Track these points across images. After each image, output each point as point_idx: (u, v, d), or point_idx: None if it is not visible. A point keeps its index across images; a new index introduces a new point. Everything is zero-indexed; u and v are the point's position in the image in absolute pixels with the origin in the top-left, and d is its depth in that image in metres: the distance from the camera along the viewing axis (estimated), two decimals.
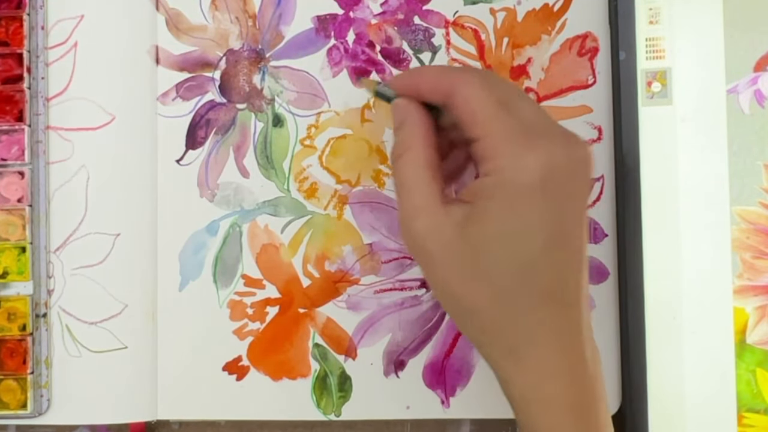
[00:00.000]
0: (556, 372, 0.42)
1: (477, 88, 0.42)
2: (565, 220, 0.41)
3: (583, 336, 0.43)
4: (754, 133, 0.51)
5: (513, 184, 0.41)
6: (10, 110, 0.54)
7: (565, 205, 0.41)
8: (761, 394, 0.51)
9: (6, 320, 0.53)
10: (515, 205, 0.41)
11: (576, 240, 0.42)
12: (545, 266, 0.41)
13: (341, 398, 0.54)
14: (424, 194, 0.43)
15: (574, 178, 0.42)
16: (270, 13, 0.56)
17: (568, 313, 0.42)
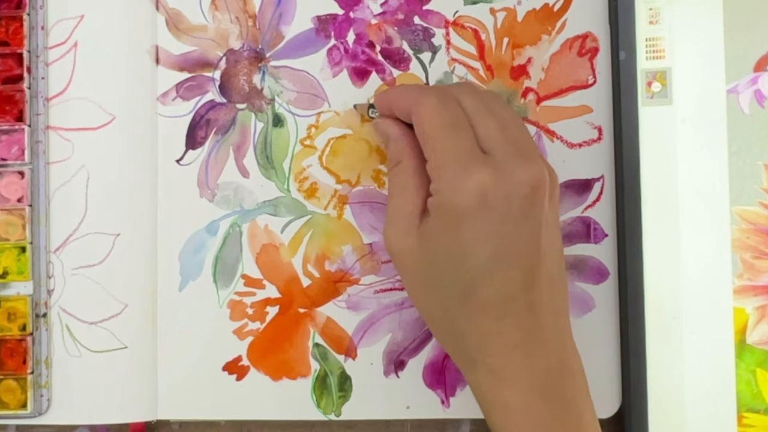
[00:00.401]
0: (510, 378, 0.44)
1: (429, 110, 0.46)
2: (507, 240, 0.43)
3: (542, 342, 0.45)
4: (754, 133, 0.51)
5: (450, 206, 0.44)
6: (10, 110, 0.54)
7: (505, 227, 0.43)
8: (761, 394, 0.51)
9: (6, 320, 0.53)
10: (452, 226, 0.44)
11: (525, 258, 0.44)
12: (487, 283, 0.44)
13: (341, 398, 0.54)
14: (405, 203, 0.47)
15: (513, 200, 0.43)
16: (270, 13, 0.56)
17: (519, 324, 0.44)
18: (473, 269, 0.44)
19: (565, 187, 0.54)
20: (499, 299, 0.44)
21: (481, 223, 0.43)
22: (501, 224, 0.43)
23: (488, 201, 0.43)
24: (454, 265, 0.44)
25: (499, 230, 0.43)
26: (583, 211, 0.54)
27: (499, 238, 0.43)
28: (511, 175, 0.43)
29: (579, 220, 0.54)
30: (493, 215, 0.43)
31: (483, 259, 0.43)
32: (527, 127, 0.50)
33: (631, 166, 0.52)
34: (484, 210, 0.43)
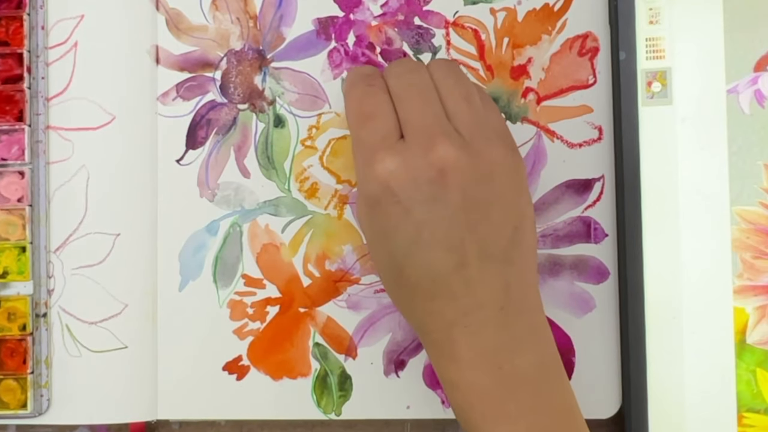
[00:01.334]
0: (452, 356, 0.44)
1: (351, 102, 0.47)
2: (422, 224, 0.43)
3: (484, 319, 0.44)
4: (754, 133, 0.51)
5: (362, 195, 0.45)
6: (10, 110, 0.54)
7: (416, 212, 0.43)
8: (761, 394, 0.51)
9: (6, 320, 0.53)
10: (371, 214, 0.45)
11: (446, 239, 0.44)
12: (411, 265, 0.44)
13: (341, 398, 0.54)
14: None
15: (420, 184, 0.43)
16: (271, 15, 0.56)
17: (454, 303, 0.44)
18: (396, 253, 0.44)
19: (566, 187, 0.54)
20: (427, 280, 0.44)
21: (392, 209, 0.43)
22: (411, 209, 0.43)
23: (393, 188, 0.43)
24: (381, 250, 0.45)
25: (411, 215, 0.43)
26: (584, 211, 0.54)
27: (414, 223, 0.43)
28: (416, 160, 0.43)
29: (579, 220, 0.54)
30: (402, 201, 0.43)
31: (402, 243, 0.44)
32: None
33: (631, 166, 0.52)
34: (391, 197, 0.43)
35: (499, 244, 0.44)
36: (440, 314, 0.44)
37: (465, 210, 0.43)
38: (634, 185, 0.52)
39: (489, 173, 0.44)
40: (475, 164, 0.44)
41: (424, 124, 0.44)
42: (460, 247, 0.43)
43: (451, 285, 0.44)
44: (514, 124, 0.54)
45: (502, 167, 0.45)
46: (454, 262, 0.44)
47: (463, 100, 0.46)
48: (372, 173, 0.44)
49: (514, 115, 0.54)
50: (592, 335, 0.53)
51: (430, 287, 0.44)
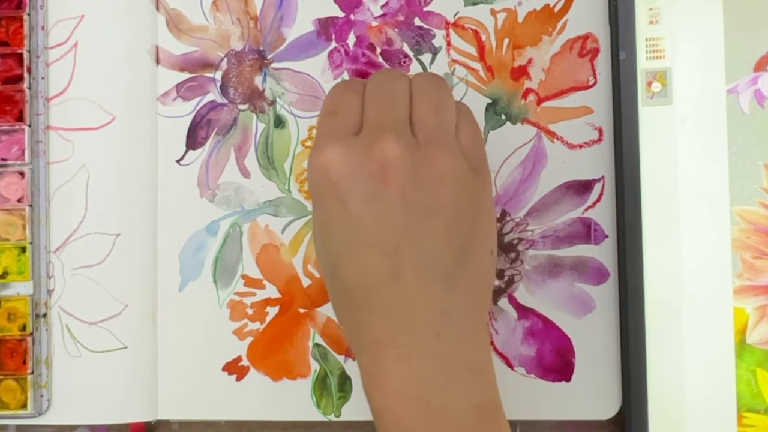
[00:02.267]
0: (380, 382, 0.41)
1: (327, 97, 0.45)
2: (359, 222, 0.41)
3: (419, 346, 0.41)
4: (754, 133, 0.51)
5: (309, 184, 0.43)
6: (10, 110, 0.54)
7: (354, 207, 0.41)
8: (761, 394, 0.51)
9: (6, 320, 0.53)
10: (315, 204, 0.43)
11: (382, 244, 0.41)
12: (346, 266, 0.42)
13: (341, 398, 0.54)
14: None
15: (360, 179, 0.41)
16: (271, 15, 0.56)
17: (390, 320, 0.41)
18: (332, 250, 0.42)
19: (566, 188, 0.54)
20: (359, 286, 0.41)
21: (331, 201, 0.41)
22: (348, 202, 0.41)
23: (332, 178, 0.41)
24: (321, 245, 0.43)
25: (348, 209, 0.41)
26: (584, 212, 0.54)
27: (350, 218, 0.41)
28: (359, 152, 0.41)
29: (579, 221, 0.54)
30: (340, 193, 0.41)
31: (338, 239, 0.41)
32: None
33: (631, 167, 0.52)
34: (332, 188, 0.41)
35: (441, 261, 0.41)
36: (370, 329, 0.41)
37: (404, 212, 0.41)
38: (634, 186, 0.52)
39: (435, 180, 0.41)
40: (420, 167, 0.41)
41: (379, 121, 0.43)
42: (395, 254, 0.41)
43: (384, 297, 0.41)
44: (514, 125, 0.54)
45: (454, 179, 0.41)
46: (387, 270, 0.41)
47: (431, 109, 0.43)
48: (314, 161, 0.42)
49: (515, 116, 0.55)
50: (592, 336, 0.53)
51: (362, 296, 0.41)
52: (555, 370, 0.54)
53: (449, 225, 0.41)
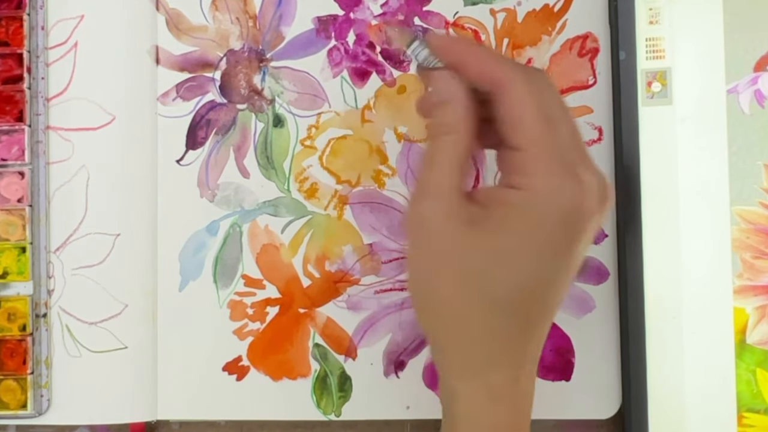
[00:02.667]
0: (502, 397, 0.41)
1: (529, 95, 0.40)
2: (570, 259, 0.40)
3: (527, 370, 0.42)
4: (754, 133, 0.51)
5: (541, 207, 0.39)
6: (10, 110, 0.54)
7: (574, 244, 0.39)
8: (761, 394, 0.51)
9: (6, 320, 0.53)
10: (535, 229, 0.39)
11: (566, 280, 0.41)
12: (537, 298, 0.40)
13: (341, 398, 0.54)
14: (452, 179, 0.40)
15: (591, 219, 0.39)
16: (270, 14, 0.56)
17: (527, 348, 0.41)
18: (534, 278, 0.40)
19: None
20: (537, 315, 0.40)
21: (561, 234, 0.39)
22: (573, 240, 0.39)
23: (578, 213, 0.39)
24: (515, 268, 0.39)
25: (570, 245, 0.39)
26: None
27: (567, 254, 0.40)
28: (602, 193, 0.40)
29: None
30: (573, 229, 0.39)
31: (547, 271, 0.40)
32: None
33: (631, 167, 0.52)
34: (569, 222, 0.39)
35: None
36: (520, 354, 0.41)
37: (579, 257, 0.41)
38: (634, 186, 0.52)
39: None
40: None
41: (585, 150, 0.41)
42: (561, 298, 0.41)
43: (542, 329, 0.41)
44: None
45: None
46: (555, 311, 0.41)
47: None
48: (567, 191, 0.39)
49: None
50: (592, 335, 0.53)
51: (536, 326, 0.41)
52: (555, 369, 0.54)
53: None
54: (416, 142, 0.55)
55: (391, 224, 0.55)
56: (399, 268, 0.55)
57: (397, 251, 0.55)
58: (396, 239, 0.55)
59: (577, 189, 0.39)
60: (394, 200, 0.55)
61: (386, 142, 0.55)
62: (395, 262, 0.55)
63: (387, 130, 0.55)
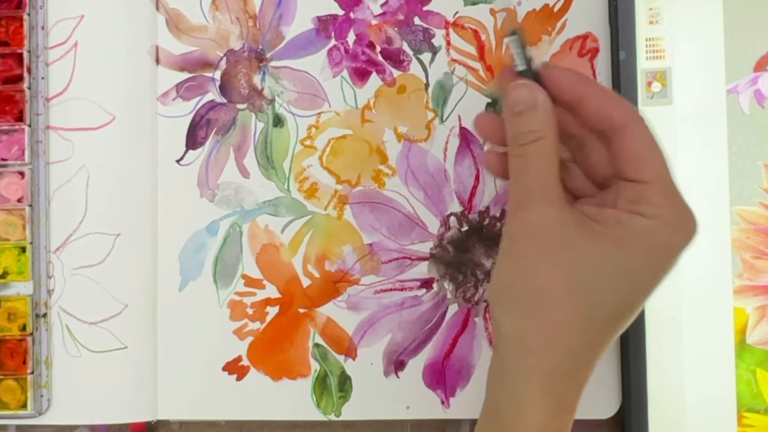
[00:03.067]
0: (568, 410, 0.42)
1: (651, 135, 0.42)
2: (656, 288, 0.41)
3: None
4: (754, 133, 0.51)
5: (665, 237, 0.40)
6: (10, 110, 0.54)
7: (666, 275, 0.41)
8: (761, 394, 0.51)
9: (6, 320, 0.53)
10: (653, 257, 0.41)
11: (638, 311, 0.42)
12: (623, 321, 0.41)
13: (341, 398, 0.54)
14: (554, 184, 0.42)
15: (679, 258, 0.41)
16: (270, 14, 0.56)
17: (597, 363, 0.42)
18: (632, 301, 0.41)
19: None
20: (612, 339, 0.42)
21: (668, 266, 0.41)
22: (666, 272, 0.41)
23: (684, 249, 0.41)
24: (620, 288, 0.41)
25: (663, 276, 0.41)
26: None
27: (657, 284, 0.41)
28: (694, 233, 0.41)
29: None
30: (674, 263, 0.41)
31: (643, 297, 0.41)
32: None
33: None
34: (678, 256, 0.41)
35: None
36: (588, 370, 0.42)
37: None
38: None
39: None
40: None
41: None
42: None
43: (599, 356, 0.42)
44: None
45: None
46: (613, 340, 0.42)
47: None
48: (689, 227, 0.41)
49: None
50: None
51: (603, 349, 0.41)
52: None
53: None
54: (416, 142, 0.55)
55: (391, 224, 0.55)
56: (399, 267, 0.55)
57: (397, 251, 0.55)
58: (396, 239, 0.55)
59: (694, 223, 0.41)
60: (394, 200, 0.55)
61: (386, 142, 0.55)
62: (395, 262, 0.55)
63: (387, 130, 0.55)
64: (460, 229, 0.55)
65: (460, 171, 0.55)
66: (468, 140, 0.54)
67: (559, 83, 0.43)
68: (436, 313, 0.55)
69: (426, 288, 0.55)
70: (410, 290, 0.55)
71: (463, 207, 0.55)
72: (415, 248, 0.55)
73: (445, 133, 0.55)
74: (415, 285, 0.55)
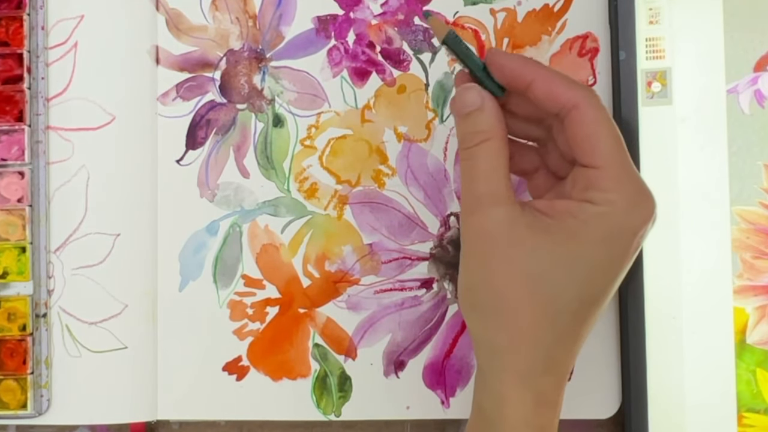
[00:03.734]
0: (548, 403, 0.42)
1: (603, 116, 0.41)
2: (626, 270, 0.41)
3: (567, 377, 0.43)
4: (754, 133, 0.51)
5: (621, 221, 0.40)
6: (10, 110, 0.54)
7: (634, 256, 0.41)
8: (761, 394, 0.51)
9: (6, 320, 0.53)
10: (613, 241, 0.41)
11: (615, 289, 0.42)
12: (592, 311, 0.41)
13: (341, 398, 0.54)
14: (503, 185, 0.42)
15: (648, 232, 0.42)
16: (270, 14, 0.56)
17: (573, 355, 0.42)
18: (596, 290, 0.41)
19: None
20: (586, 329, 0.42)
21: (630, 251, 0.41)
22: (631, 257, 0.41)
23: (644, 233, 0.41)
24: (580, 278, 0.41)
25: (628, 261, 0.41)
26: None
27: (623, 269, 0.41)
28: (654, 214, 0.41)
29: None
30: (636, 247, 0.41)
31: (609, 283, 0.41)
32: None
33: None
34: (638, 240, 0.41)
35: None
36: (569, 363, 0.42)
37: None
38: None
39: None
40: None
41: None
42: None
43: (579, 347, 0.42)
44: None
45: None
46: (588, 332, 0.42)
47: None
48: (644, 211, 0.41)
49: None
50: (592, 335, 0.53)
51: (579, 340, 0.42)
52: None
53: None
54: (416, 141, 0.55)
55: (391, 224, 0.55)
56: (399, 267, 0.55)
57: (397, 251, 0.55)
58: (396, 239, 0.55)
59: (651, 205, 0.41)
60: (394, 200, 0.55)
61: (386, 142, 0.55)
62: (395, 262, 0.55)
63: (387, 129, 0.55)
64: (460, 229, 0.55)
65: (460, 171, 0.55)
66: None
67: (502, 69, 0.43)
68: (436, 313, 0.55)
69: (426, 288, 0.55)
70: (410, 290, 0.55)
71: None
72: (415, 248, 0.55)
73: (445, 133, 0.55)
74: (415, 285, 0.55)
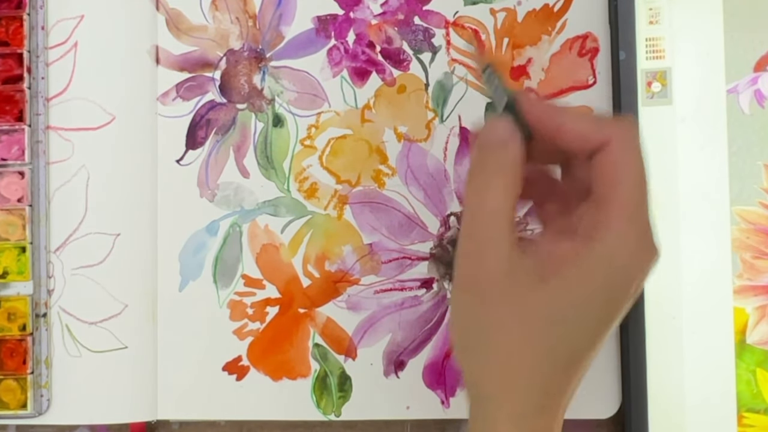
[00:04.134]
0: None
1: (631, 155, 0.39)
2: (619, 317, 0.40)
3: (564, 413, 0.42)
4: (754, 133, 0.51)
5: (623, 265, 0.39)
6: (10, 110, 0.54)
7: (628, 304, 0.40)
8: (761, 394, 0.51)
9: (6, 320, 0.53)
10: (609, 289, 0.39)
11: (604, 341, 0.41)
12: (588, 354, 0.40)
13: (341, 398, 0.54)
14: (507, 229, 0.39)
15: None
16: (270, 14, 0.56)
17: (570, 394, 0.41)
18: (590, 338, 0.40)
19: None
20: (576, 380, 0.41)
21: (627, 300, 0.39)
22: (626, 308, 0.40)
23: (641, 284, 0.39)
24: (575, 327, 0.39)
25: (623, 312, 0.40)
26: None
27: (617, 320, 0.40)
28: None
29: None
30: (632, 298, 0.40)
31: (602, 331, 0.40)
32: None
33: None
34: (636, 290, 0.39)
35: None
36: (561, 408, 0.41)
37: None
38: None
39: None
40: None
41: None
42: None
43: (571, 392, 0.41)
44: None
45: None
46: (580, 378, 0.41)
47: None
48: (650, 258, 0.39)
49: None
50: None
51: (571, 388, 0.41)
52: None
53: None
54: (416, 141, 0.55)
55: (391, 224, 0.55)
56: (399, 267, 0.55)
57: (397, 251, 0.55)
58: (396, 239, 0.55)
59: (653, 255, 0.39)
60: (394, 200, 0.55)
61: (386, 142, 0.55)
62: (395, 262, 0.55)
63: (387, 129, 0.55)
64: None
65: (460, 171, 0.55)
66: (468, 140, 0.54)
67: (530, 114, 0.41)
68: (436, 313, 0.55)
69: (426, 288, 0.55)
70: (410, 290, 0.55)
71: (463, 207, 0.55)
72: (415, 248, 0.55)
73: (445, 133, 0.55)
74: (415, 285, 0.55)
